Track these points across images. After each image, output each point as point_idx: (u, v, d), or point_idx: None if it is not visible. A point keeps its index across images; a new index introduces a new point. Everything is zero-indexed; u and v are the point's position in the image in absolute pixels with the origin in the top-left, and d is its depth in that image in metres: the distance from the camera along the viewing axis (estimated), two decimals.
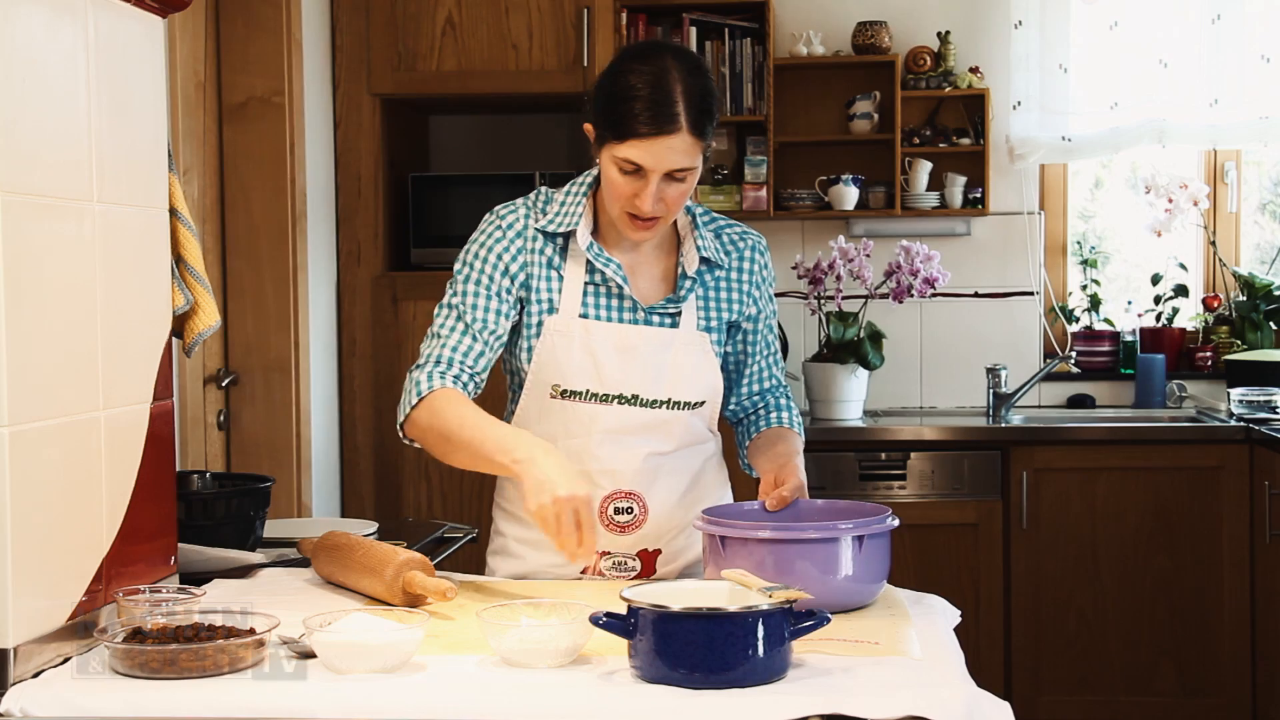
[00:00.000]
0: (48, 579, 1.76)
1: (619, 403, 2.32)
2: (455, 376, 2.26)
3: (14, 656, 1.69)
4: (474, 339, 2.28)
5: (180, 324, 2.20)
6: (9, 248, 1.67)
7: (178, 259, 2.17)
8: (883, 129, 4.84)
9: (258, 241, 4.07)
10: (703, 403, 2.39)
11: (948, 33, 4.86)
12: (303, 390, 4.16)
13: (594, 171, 2.37)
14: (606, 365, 2.31)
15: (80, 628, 1.81)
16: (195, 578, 2.16)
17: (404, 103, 4.75)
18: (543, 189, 2.40)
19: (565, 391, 2.32)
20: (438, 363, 2.27)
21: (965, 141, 4.86)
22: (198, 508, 2.44)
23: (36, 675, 1.72)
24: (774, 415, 2.49)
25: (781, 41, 4.90)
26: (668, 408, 2.35)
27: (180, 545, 2.13)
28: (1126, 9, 4.79)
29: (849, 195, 4.80)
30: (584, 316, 2.32)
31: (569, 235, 2.33)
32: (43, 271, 1.75)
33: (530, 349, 2.33)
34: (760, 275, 2.46)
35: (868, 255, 4.58)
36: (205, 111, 3.92)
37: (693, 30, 4.72)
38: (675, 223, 2.40)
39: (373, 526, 2.80)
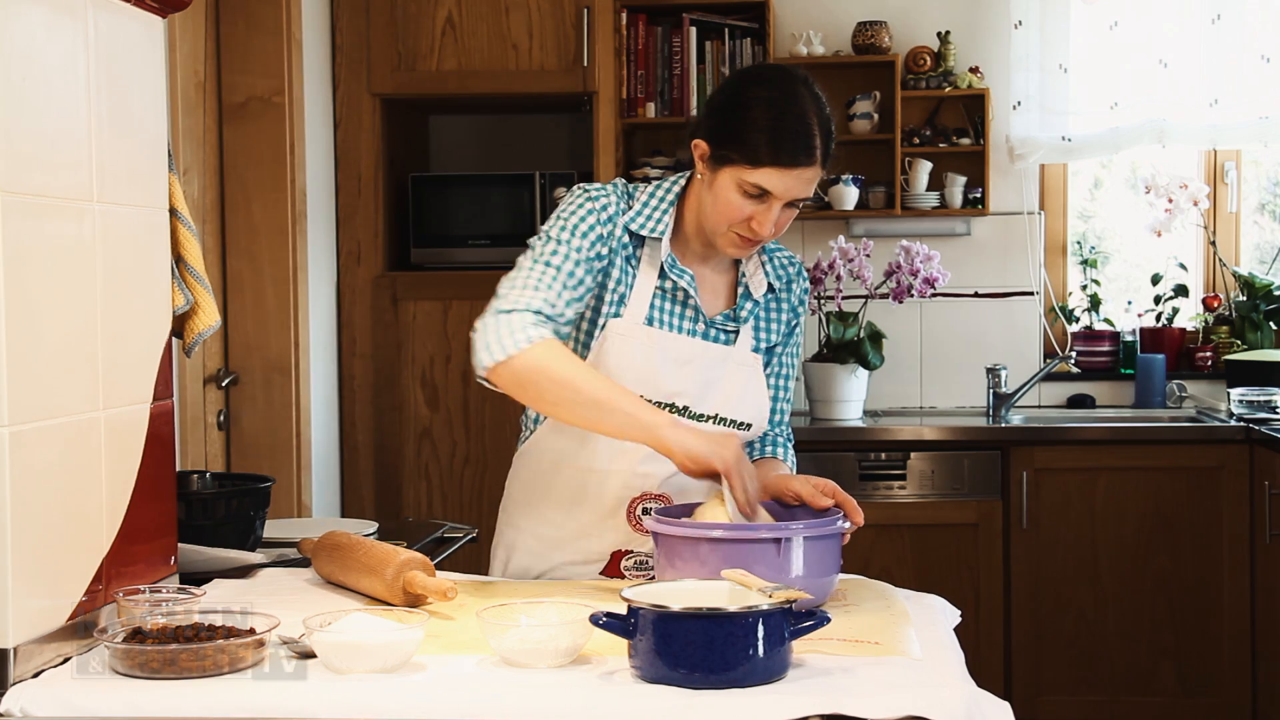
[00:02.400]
0: (48, 579, 1.76)
1: (669, 411, 2.29)
2: (548, 325, 2.17)
3: (14, 656, 1.69)
4: (564, 287, 2.21)
5: (180, 324, 2.20)
6: (9, 248, 1.67)
7: (178, 259, 2.16)
8: (883, 129, 4.84)
9: (258, 241, 4.07)
10: (748, 425, 2.36)
11: (948, 33, 4.86)
12: (303, 390, 4.16)
13: (681, 179, 2.34)
14: (663, 373, 2.29)
15: (80, 628, 1.81)
16: (195, 578, 2.16)
17: (404, 103, 4.75)
18: (619, 180, 2.36)
19: None
20: (530, 310, 2.16)
21: (965, 141, 4.86)
22: (198, 508, 2.44)
23: (36, 675, 1.72)
24: (769, 449, 2.47)
25: (781, 41, 4.89)
26: (714, 423, 2.33)
27: (180, 545, 2.13)
28: (1126, 9, 4.78)
29: (849, 195, 4.79)
30: (649, 322, 2.31)
31: (646, 238, 2.31)
32: (43, 271, 1.74)
33: (588, 343, 2.31)
34: (798, 298, 2.48)
35: (868, 255, 4.58)
36: (205, 111, 3.92)
37: (693, 30, 4.71)
38: None
39: (373, 526, 2.80)
